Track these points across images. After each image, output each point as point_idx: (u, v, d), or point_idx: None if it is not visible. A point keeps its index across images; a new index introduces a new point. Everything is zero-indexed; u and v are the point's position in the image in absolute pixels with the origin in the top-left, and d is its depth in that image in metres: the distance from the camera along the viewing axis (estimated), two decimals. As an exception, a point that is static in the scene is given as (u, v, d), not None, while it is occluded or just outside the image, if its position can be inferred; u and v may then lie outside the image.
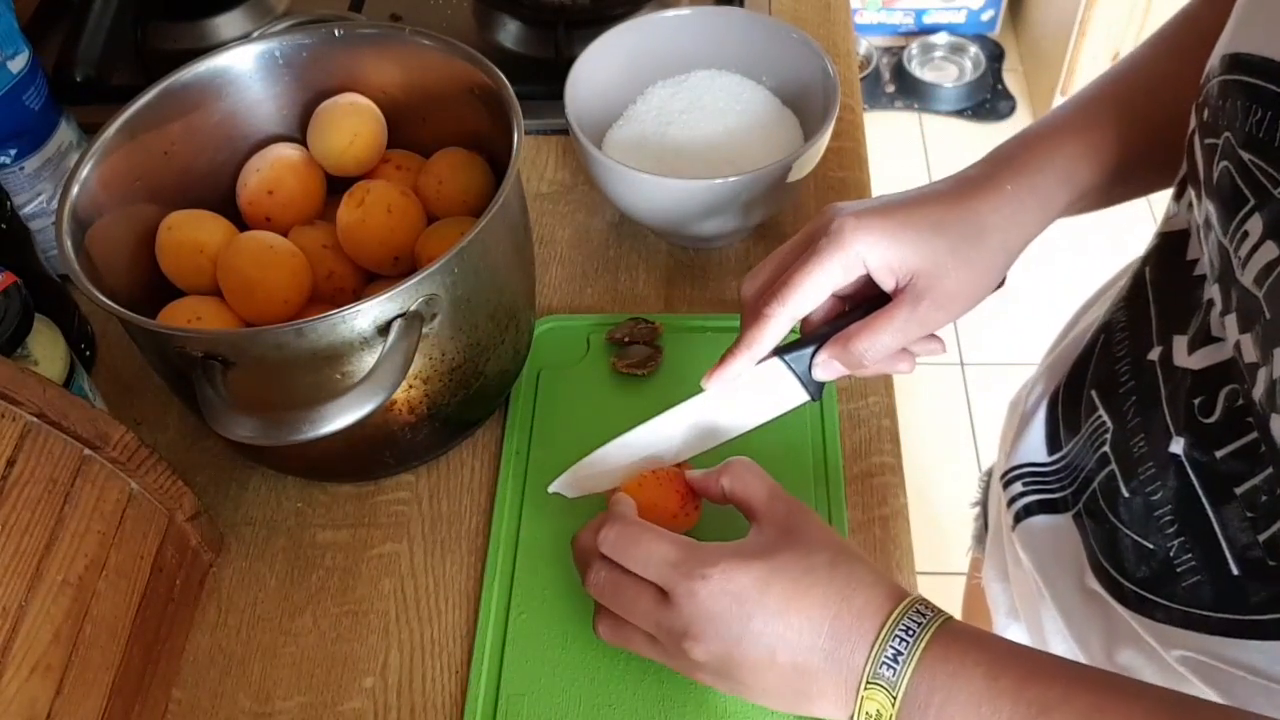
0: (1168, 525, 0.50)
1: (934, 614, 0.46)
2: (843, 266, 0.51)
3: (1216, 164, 0.43)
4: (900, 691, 0.44)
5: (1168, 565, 0.50)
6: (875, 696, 0.45)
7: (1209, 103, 0.45)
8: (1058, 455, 0.61)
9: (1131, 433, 0.52)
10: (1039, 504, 0.61)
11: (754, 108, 0.76)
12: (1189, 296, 0.48)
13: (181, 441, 0.68)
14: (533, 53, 0.91)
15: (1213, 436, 0.46)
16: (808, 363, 0.54)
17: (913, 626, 0.45)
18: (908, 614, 0.46)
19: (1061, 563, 0.59)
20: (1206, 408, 0.46)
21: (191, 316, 0.60)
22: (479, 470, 0.66)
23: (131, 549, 0.54)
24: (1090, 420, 0.57)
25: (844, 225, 0.51)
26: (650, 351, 0.68)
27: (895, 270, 0.51)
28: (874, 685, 0.45)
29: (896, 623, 0.45)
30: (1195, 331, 0.48)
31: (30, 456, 0.48)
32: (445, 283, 0.54)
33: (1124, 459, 0.53)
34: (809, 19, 0.94)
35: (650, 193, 0.69)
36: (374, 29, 0.67)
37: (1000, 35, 2.45)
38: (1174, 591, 0.50)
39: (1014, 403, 0.73)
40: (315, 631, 0.60)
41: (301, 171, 0.66)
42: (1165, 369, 0.50)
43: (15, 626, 0.46)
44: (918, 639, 0.45)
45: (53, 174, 0.73)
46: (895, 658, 0.44)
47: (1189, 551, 0.49)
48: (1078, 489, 0.58)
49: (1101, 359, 0.57)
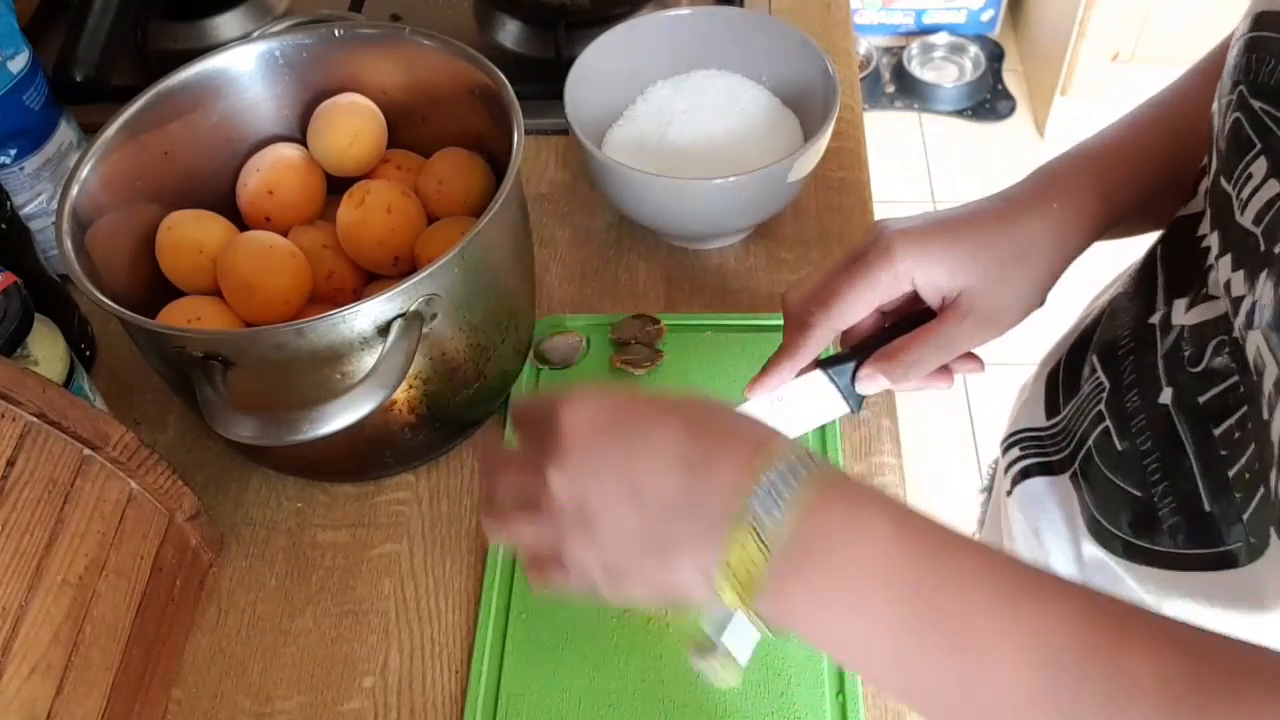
0: (1154, 472, 0.51)
1: (816, 463, 0.39)
2: (890, 282, 0.51)
3: (1229, 115, 0.44)
4: (774, 540, 0.37)
5: (1152, 510, 0.51)
6: (743, 540, 0.37)
7: (1229, 65, 0.46)
8: (1055, 419, 0.61)
9: (1126, 389, 0.53)
10: (1037, 466, 0.62)
11: (754, 108, 0.76)
12: (1195, 268, 0.49)
13: (181, 442, 0.68)
14: (533, 53, 0.92)
15: (1198, 383, 0.47)
16: (850, 375, 0.54)
17: (795, 468, 0.38)
18: (793, 451, 0.39)
19: (1055, 524, 0.60)
20: (1195, 359, 0.47)
21: (191, 316, 0.60)
22: (479, 470, 0.66)
23: (131, 549, 0.54)
24: (1088, 382, 0.58)
25: (894, 242, 0.51)
26: (651, 351, 0.69)
27: (942, 288, 0.52)
28: (743, 526, 0.37)
29: (775, 457, 0.38)
30: (1196, 292, 0.49)
31: (30, 456, 0.48)
32: (445, 283, 0.54)
33: (1118, 414, 0.54)
34: (809, 19, 0.94)
35: (650, 193, 0.69)
36: (374, 29, 0.67)
37: (1000, 35, 2.45)
38: (1157, 535, 0.51)
39: (1023, 387, 0.74)
40: (315, 631, 0.60)
41: (302, 171, 0.66)
42: (1163, 329, 0.51)
43: (15, 626, 0.46)
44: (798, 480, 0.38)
45: (53, 174, 0.73)
46: (770, 494, 0.37)
47: (1170, 495, 0.50)
48: (1074, 449, 0.58)
49: (1106, 329, 0.58)
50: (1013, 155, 2.24)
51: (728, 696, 0.55)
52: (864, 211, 0.78)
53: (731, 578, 0.38)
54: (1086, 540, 0.57)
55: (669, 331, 0.70)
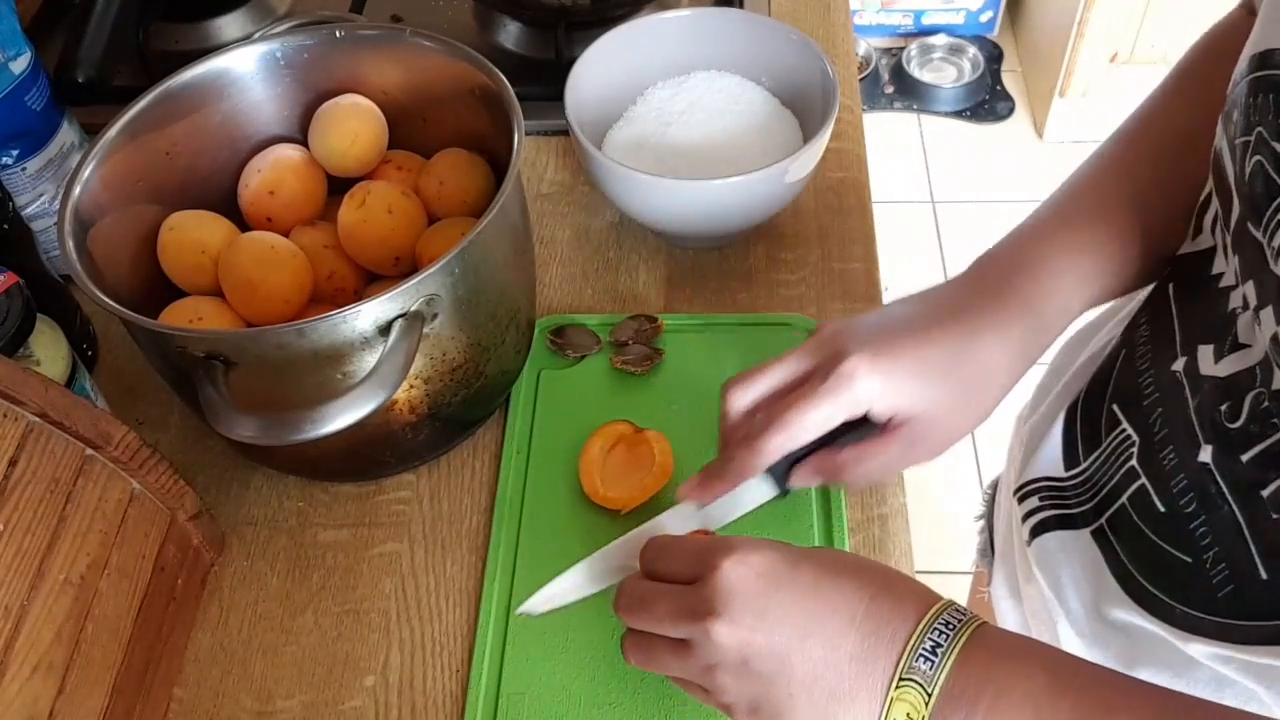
0: (1202, 537, 0.49)
1: (973, 616, 0.43)
2: (848, 408, 0.50)
3: (1249, 160, 0.44)
4: (936, 688, 0.41)
5: (1204, 577, 0.49)
6: (907, 696, 0.41)
7: (1237, 105, 0.45)
8: (1076, 470, 0.60)
9: (1160, 445, 0.52)
10: (1056, 519, 0.60)
11: (754, 108, 0.76)
12: (1213, 308, 0.48)
13: (183, 441, 0.68)
14: (533, 54, 0.92)
15: (1238, 441, 0.46)
16: (785, 467, 0.53)
17: (953, 622, 0.42)
18: (949, 609, 0.43)
19: (1078, 581, 0.58)
20: (1232, 413, 0.46)
21: (193, 316, 0.60)
22: (479, 470, 0.66)
23: (133, 548, 0.54)
24: (1114, 434, 0.56)
25: (856, 370, 0.50)
26: (649, 350, 0.69)
27: (897, 412, 0.51)
28: (907, 682, 0.41)
29: (938, 615, 0.42)
30: (1222, 339, 0.47)
31: (32, 456, 0.48)
32: (446, 283, 0.55)
33: (1155, 473, 0.52)
34: (808, 20, 0.94)
35: (650, 193, 0.69)
36: (375, 30, 0.67)
37: (999, 36, 2.45)
38: (1212, 604, 0.49)
39: (1020, 417, 0.72)
40: (316, 630, 0.60)
41: (303, 172, 0.66)
42: (1191, 379, 0.49)
43: (18, 626, 0.46)
44: (959, 632, 0.42)
45: (55, 175, 0.73)
46: (934, 650, 0.41)
47: (1222, 561, 0.48)
48: (1099, 505, 0.57)
49: (1124, 373, 0.56)
50: (1011, 156, 2.25)
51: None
52: (863, 212, 0.79)
53: None
54: (1117, 601, 0.55)
55: (668, 331, 0.70)
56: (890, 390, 0.50)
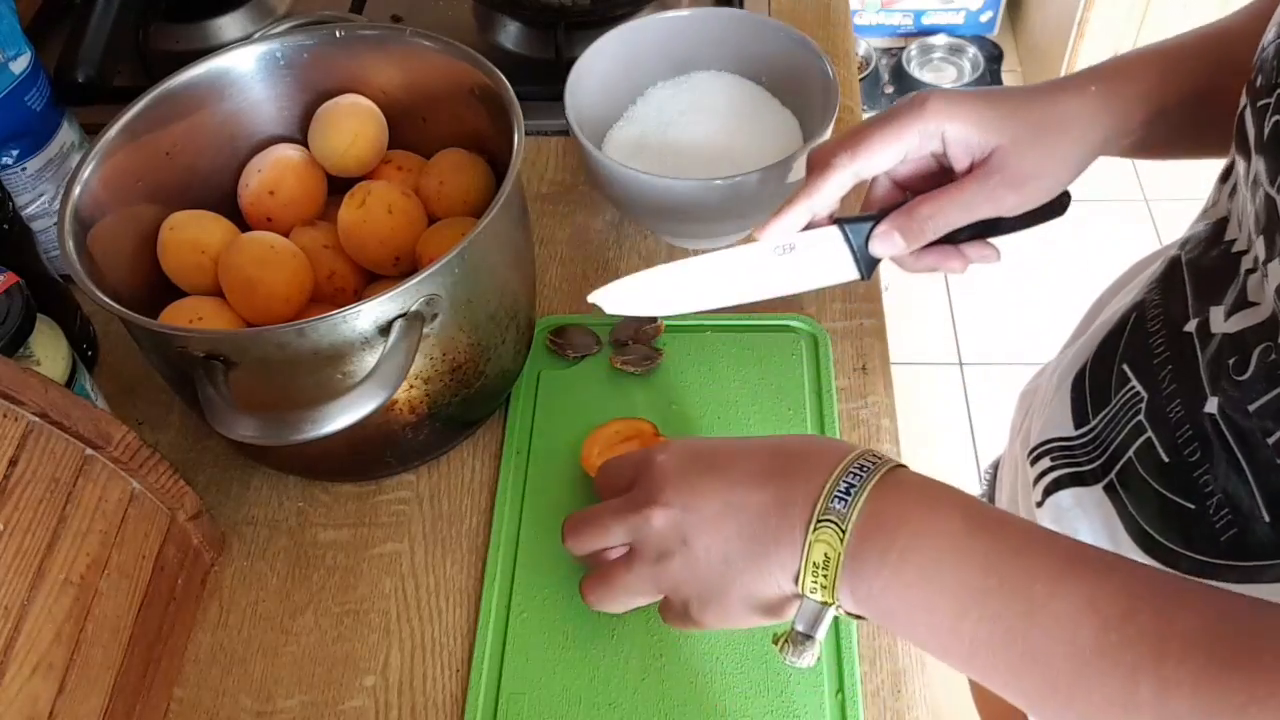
0: (1205, 485, 0.50)
1: (888, 459, 0.44)
2: (920, 134, 0.52)
3: (1269, 119, 0.44)
4: (849, 525, 0.41)
5: (1207, 523, 0.51)
6: (824, 536, 0.42)
7: (1264, 69, 0.46)
8: (1085, 429, 0.61)
9: (1167, 399, 0.53)
10: (1069, 477, 0.61)
11: (753, 108, 0.76)
12: (1226, 272, 0.49)
13: (183, 441, 0.68)
14: (533, 54, 0.92)
15: (1245, 393, 0.47)
16: (865, 236, 0.53)
17: (868, 465, 0.43)
18: (865, 455, 0.44)
19: (1097, 536, 0.59)
20: (1240, 366, 0.47)
21: (193, 316, 0.60)
22: (479, 470, 0.66)
23: (133, 548, 0.54)
24: (1123, 392, 0.57)
25: (929, 97, 0.52)
26: (649, 350, 0.69)
27: (972, 147, 0.52)
28: (824, 522, 0.42)
29: (854, 461, 0.43)
30: (1233, 298, 0.48)
31: (32, 456, 0.48)
32: (446, 283, 0.55)
33: (1161, 425, 0.53)
34: (808, 20, 0.94)
35: (650, 193, 0.69)
36: (375, 30, 0.67)
37: (999, 36, 2.45)
38: (1215, 547, 0.51)
39: (1026, 392, 0.73)
40: (316, 630, 0.60)
41: (302, 172, 0.66)
42: (1202, 337, 0.50)
43: (18, 625, 0.46)
44: (871, 474, 0.42)
45: (54, 174, 0.73)
46: (848, 490, 0.42)
47: (1225, 507, 0.49)
48: (1107, 461, 0.58)
49: (1134, 334, 0.57)
50: (1012, 156, 2.25)
51: (728, 696, 0.55)
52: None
53: (818, 574, 0.42)
54: (1130, 554, 0.56)
55: (668, 331, 0.70)
56: (963, 117, 0.52)
